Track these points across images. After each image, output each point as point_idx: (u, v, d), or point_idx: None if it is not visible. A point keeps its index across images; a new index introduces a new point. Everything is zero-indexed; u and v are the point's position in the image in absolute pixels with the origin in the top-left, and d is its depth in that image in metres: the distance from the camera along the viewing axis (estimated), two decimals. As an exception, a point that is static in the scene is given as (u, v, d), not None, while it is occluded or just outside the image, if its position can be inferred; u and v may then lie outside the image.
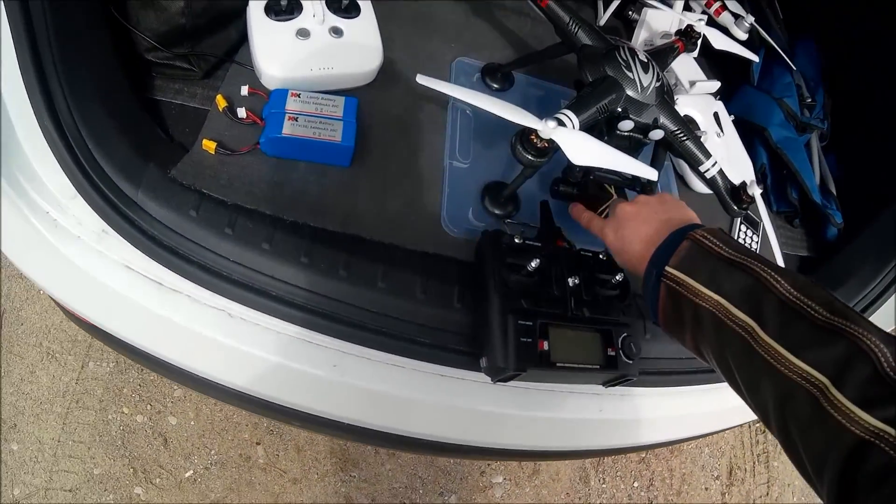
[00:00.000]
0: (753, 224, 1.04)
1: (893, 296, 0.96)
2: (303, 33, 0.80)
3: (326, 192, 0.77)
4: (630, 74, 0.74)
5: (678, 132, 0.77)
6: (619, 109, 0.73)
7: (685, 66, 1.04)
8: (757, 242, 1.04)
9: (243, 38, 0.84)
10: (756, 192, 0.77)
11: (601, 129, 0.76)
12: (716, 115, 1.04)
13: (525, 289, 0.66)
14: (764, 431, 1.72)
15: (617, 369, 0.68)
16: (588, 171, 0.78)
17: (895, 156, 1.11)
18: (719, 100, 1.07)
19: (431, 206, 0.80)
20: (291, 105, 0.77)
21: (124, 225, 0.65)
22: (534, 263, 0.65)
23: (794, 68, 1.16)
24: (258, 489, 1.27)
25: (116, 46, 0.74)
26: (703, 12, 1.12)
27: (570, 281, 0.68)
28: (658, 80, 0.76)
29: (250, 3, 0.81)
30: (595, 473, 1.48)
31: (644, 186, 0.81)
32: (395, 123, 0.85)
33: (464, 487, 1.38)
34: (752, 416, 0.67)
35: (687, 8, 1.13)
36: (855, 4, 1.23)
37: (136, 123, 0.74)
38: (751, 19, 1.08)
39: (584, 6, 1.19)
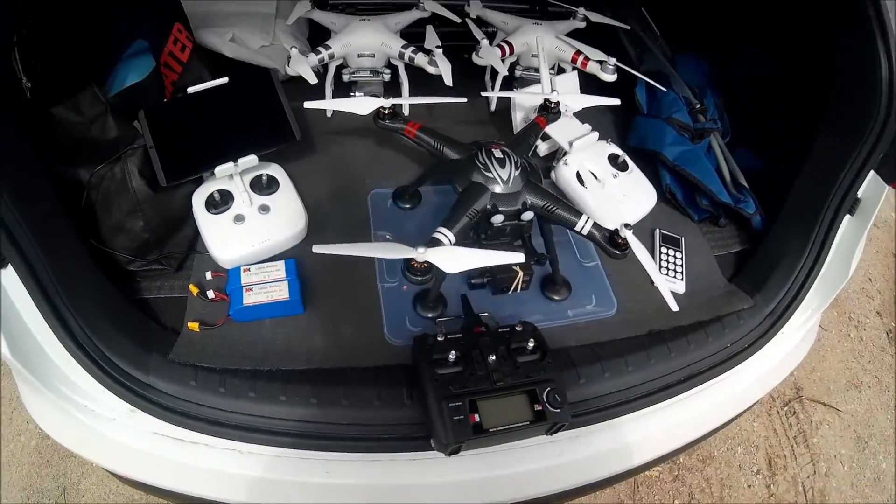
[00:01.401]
0: (673, 242, 1.28)
1: (820, 274, 1.18)
2: (238, 219, 1.10)
3: (290, 338, 1.04)
4: (490, 174, 1.00)
5: (547, 205, 1.02)
6: (489, 207, 0.99)
7: (563, 129, 1.29)
8: (681, 259, 1.26)
9: (195, 231, 1.14)
10: (627, 234, 0.99)
11: (482, 227, 1.02)
12: (613, 157, 1.29)
13: (453, 376, 0.91)
14: (795, 413, 1.88)
15: (546, 420, 0.91)
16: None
17: (790, 135, 1.31)
18: (611, 142, 1.32)
19: (375, 325, 1.07)
20: (245, 279, 1.06)
21: (145, 404, 0.93)
22: (451, 355, 0.90)
23: (678, 83, 1.41)
24: None
25: (103, 269, 1.05)
26: (574, 68, 1.40)
27: (490, 359, 0.93)
28: (517, 168, 1.02)
29: (193, 204, 1.12)
30: (632, 503, 1.67)
31: (540, 258, 1.06)
32: (333, 266, 1.12)
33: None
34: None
35: (561, 70, 1.40)
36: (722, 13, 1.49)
37: (134, 322, 1.04)
38: (613, 61, 1.35)
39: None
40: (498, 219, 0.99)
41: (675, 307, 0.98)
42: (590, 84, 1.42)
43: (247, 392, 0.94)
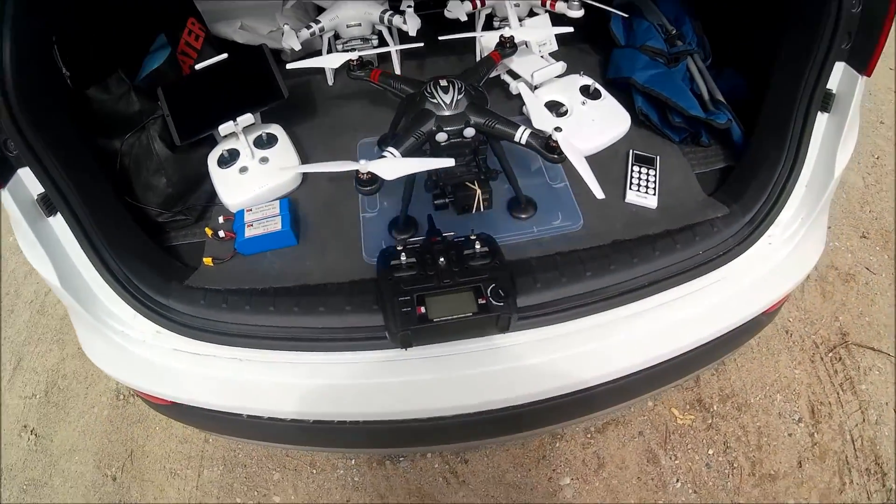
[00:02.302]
0: (647, 161, 1.38)
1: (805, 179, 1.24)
2: (243, 170, 1.36)
3: (284, 264, 1.27)
4: (435, 100, 1.18)
5: (487, 121, 1.18)
6: (434, 128, 1.17)
7: (526, 63, 1.49)
8: (654, 176, 1.36)
9: (212, 186, 1.40)
10: (558, 137, 1.12)
11: (429, 145, 1.20)
12: (584, 88, 1.46)
13: (407, 278, 1.09)
14: (840, 359, 1.84)
15: (490, 312, 1.06)
16: (438, 181, 1.22)
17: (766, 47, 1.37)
18: (583, 74, 1.49)
19: (355, 249, 1.27)
20: (247, 217, 1.30)
21: (167, 322, 1.18)
22: (403, 258, 1.08)
23: (652, 11, 1.55)
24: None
25: (138, 222, 1.33)
26: (547, 11, 1.57)
27: (440, 260, 1.10)
28: (461, 93, 1.19)
29: (209, 163, 1.39)
30: (664, 453, 1.72)
31: (491, 173, 1.23)
32: (323, 206, 1.36)
33: (535, 497, 1.69)
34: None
35: (532, 14, 1.61)
36: None
37: (160, 261, 1.30)
38: None
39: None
40: (441, 136, 1.17)
41: (599, 194, 1.08)
42: (565, 24, 1.56)
43: (243, 306, 1.17)
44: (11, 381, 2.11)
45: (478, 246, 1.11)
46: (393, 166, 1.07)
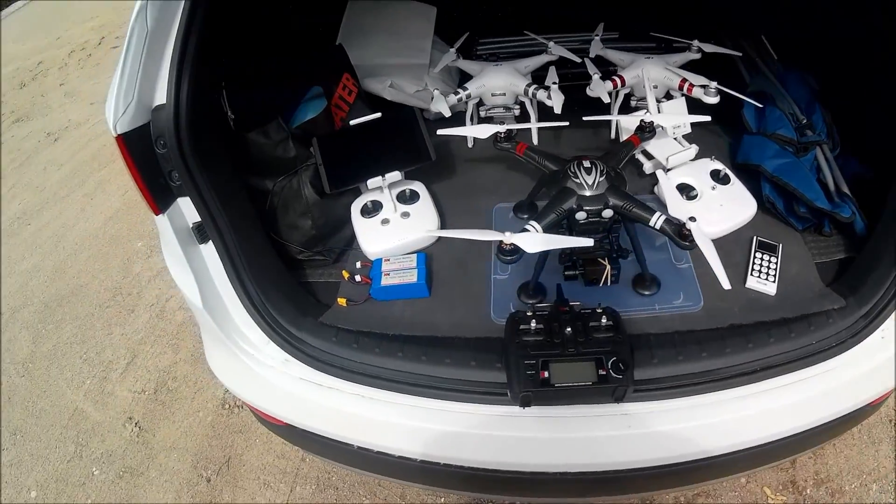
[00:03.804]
0: (770, 248, 1.52)
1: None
2: (385, 222, 1.60)
3: (415, 313, 1.49)
4: (578, 180, 1.36)
5: (625, 205, 1.35)
6: (575, 206, 1.35)
7: (663, 147, 1.67)
8: (775, 263, 1.50)
9: (352, 233, 1.65)
10: (692, 226, 1.28)
11: (568, 223, 1.38)
12: (714, 172, 1.62)
13: (534, 343, 1.27)
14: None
15: (609, 383, 1.22)
16: (571, 255, 1.41)
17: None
18: (714, 159, 1.65)
19: (483, 308, 1.47)
20: (385, 267, 1.53)
21: (297, 352, 1.40)
22: (533, 323, 1.27)
23: (785, 100, 1.69)
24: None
25: (280, 257, 1.58)
26: (682, 94, 1.74)
27: (566, 331, 1.28)
28: (602, 175, 1.37)
29: (352, 212, 1.63)
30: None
31: (622, 252, 1.40)
32: (456, 263, 1.58)
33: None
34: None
35: (668, 96, 1.78)
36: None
37: (297, 295, 1.55)
38: (713, 84, 1.68)
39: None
40: (581, 215, 1.35)
41: (726, 284, 1.23)
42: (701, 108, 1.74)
43: (373, 348, 1.38)
44: (124, 374, 2.44)
45: (603, 319, 1.28)
46: (535, 240, 1.26)
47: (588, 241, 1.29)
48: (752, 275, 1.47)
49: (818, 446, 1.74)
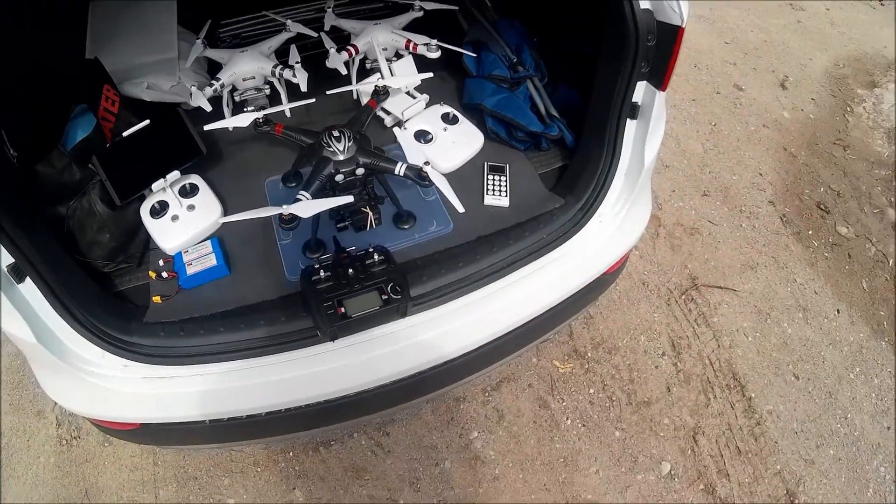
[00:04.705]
0: (499, 170, 1.99)
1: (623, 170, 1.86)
2: (174, 218, 1.84)
3: (224, 291, 1.78)
4: (331, 149, 1.72)
5: (372, 162, 1.74)
6: (333, 171, 1.71)
7: (398, 103, 2.09)
8: (505, 181, 1.97)
9: (147, 235, 1.89)
10: (427, 169, 1.70)
11: (331, 185, 1.75)
12: (444, 115, 2.05)
13: (326, 288, 1.63)
14: (693, 299, 2.55)
15: (392, 304, 1.61)
16: (338, 210, 1.78)
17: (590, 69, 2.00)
18: (443, 104, 2.09)
19: (278, 271, 1.80)
20: (185, 258, 1.79)
21: (133, 355, 1.64)
22: (321, 273, 1.62)
23: (498, 44, 2.17)
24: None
25: (88, 274, 1.79)
26: (409, 53, 2.15)
27: (350, 271, 1.64)
28: (350, 140, 1.73)
29: (142, 215, 1.86)
30: (552, 398, 2.35)
31: (378, 199, 1.79)
32: (246, 239, 1.87)
33: (451, 451, 2.28)
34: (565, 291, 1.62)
35: (399, 56, 2.18)
36: None
37: (116, 305, 1.78)
38: (434, 42, 2.11)
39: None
40: (339, 178, 1.72)
41: (460, 209, 1.68)
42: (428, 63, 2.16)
43: (198, 331, 1.67)
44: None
45: (376, 256, 1.66)
46: (307, 207, 1.61)
47: (349, 198, 1.66)
48: (488, 193, 1.94)
49: (581, 314, 2.30)
